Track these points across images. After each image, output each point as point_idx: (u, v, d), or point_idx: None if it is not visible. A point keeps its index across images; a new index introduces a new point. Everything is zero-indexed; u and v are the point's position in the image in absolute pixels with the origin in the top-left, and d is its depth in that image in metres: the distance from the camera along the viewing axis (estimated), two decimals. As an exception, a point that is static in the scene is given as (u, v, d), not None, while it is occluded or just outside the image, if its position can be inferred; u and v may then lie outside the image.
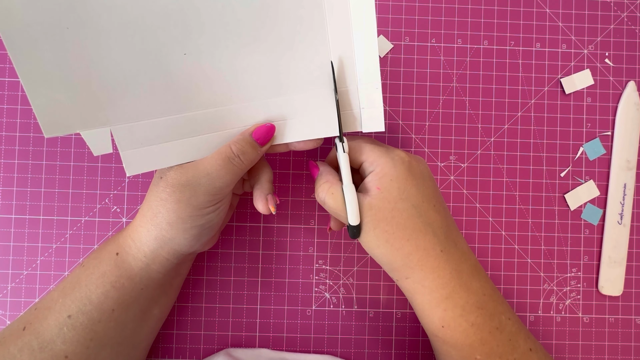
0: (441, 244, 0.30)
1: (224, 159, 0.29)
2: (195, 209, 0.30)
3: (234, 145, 0.30)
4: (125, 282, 0.30)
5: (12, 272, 0.38)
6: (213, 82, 0.30)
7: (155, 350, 0.38)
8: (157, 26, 0.29)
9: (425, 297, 0.31)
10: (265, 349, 0.38)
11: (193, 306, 0.39)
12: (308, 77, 0.31)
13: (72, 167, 0.39)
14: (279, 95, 0.31)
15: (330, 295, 0.40)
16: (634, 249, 0.41)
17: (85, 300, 0.30)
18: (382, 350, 0.39)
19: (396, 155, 0.31)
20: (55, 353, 0.29)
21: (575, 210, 0.41)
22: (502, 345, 0.31)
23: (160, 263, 0.31)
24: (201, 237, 0.31)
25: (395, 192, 0.30)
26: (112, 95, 0.29)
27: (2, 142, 0.39)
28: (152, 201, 0.30)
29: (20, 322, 0.30)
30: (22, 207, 0.38)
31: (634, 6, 0.42)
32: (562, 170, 0.41)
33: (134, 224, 0.31)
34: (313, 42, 0.31)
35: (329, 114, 0.32)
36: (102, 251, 0.32)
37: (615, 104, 0.41)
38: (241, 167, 0.30)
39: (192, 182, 0.29)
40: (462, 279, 0.31)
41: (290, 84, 0.31)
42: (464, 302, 0.30)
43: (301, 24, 0.30)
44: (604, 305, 0.40)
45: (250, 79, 0.31)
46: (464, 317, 0.30)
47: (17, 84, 0.39)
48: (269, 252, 0.40)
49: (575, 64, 0.41)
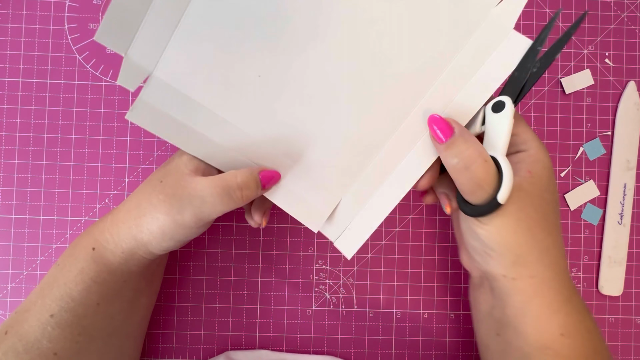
0: (560, 245, 0.29)
1: (224, 187, 0.28)
2: (179, 227, 0.29)
3: (239, 177, 0.28)
4: (106, 277, 0.30)
5: (12, 272, 0.38)
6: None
7: (155, 350, 0.38)
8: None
9: (546, 299, 0.28)
10: (265, 351, 0.38)
11: (193, 306, 0.39)
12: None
13: (72, 167, 0.39)
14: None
15: (330, 295, 0.40)
16: (634, 249, 0.41)
17: (66, 298, 0.29)
18: (382, 350, 0.39)
19: (543, 145, 0.29)
20: (42, 352, 0.28)
21: (575, 210, 0.41)
22: (602, 349, 0.29)
23: (138, 260, 0.30)
24: (177, 245, 0.31)
25: (545, 181, 0.28)
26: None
27: (2, 142, 0.39)
28: (141, 200, 0.29)
29: (2, 327, 0.30)
30: (22, 207, 0.38)
31: (634, 6, 0.42)
32: (562, 170, 0.41)
33: (116, 218, 0.30)
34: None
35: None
36: (76, 247, 0.31)
37: (615, 104, 0.41)
38: (238, 202, 0.29)
39: (184, 199, 0.28)
40: (572, 283, 0.29)
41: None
42: (582, 306, 0.28)
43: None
44: (604, 305, 0.40)
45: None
46: (584, 323, 0.28)
47: (17, 84, 0.39)
48: (269, 252, 0.40)
49: (575, 64, 0.41)
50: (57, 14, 0.39)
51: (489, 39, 0.29)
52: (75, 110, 0.39)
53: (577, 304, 0.28)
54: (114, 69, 0.39)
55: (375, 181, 0.31)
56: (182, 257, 0.39)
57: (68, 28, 0.39)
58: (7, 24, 0.39)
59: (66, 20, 0.39)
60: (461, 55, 0.29)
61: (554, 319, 0.27)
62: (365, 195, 0.31)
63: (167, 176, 0.29)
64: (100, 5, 0.39)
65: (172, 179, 0.29)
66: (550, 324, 0.27)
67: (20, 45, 0.39)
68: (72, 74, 0.39)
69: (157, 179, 0.30)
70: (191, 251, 0.39)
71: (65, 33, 0.39)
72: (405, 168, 0.31)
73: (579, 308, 0.28)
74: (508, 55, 0.29)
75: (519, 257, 0.28)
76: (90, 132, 0.39)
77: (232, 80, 0.29)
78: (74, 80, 0.39)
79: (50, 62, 0.39)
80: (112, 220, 0.30)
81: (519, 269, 0.28)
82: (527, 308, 0.28)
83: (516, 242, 0.27)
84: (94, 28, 0.39)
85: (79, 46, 0.39)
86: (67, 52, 0.39)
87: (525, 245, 0.27)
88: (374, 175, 0.31)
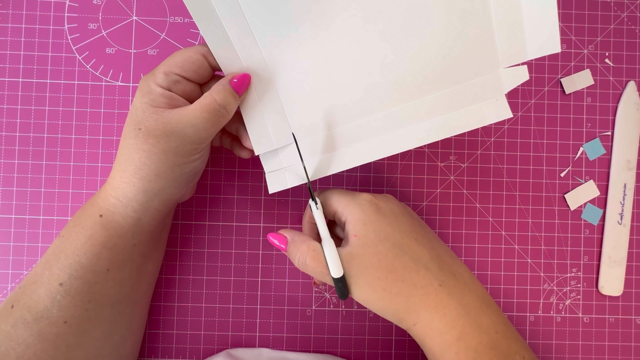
0: (437, 277, 0.30)
1: (209, 111, 0.29)
2: (183, 157, 0.30)
3: (217, 96, 0.29)
4: (117, 241, 0.30)
5: (12, 272, 0.38)
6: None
7: (155, 350, 0.38)
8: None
9: (435, 340, 0.29)
10: (266, 349, 0.38)
11: (193, 306, 0.39)
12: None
13: (72, 167, 0.39)
14: (448, 85, 0.32)
15: (330, 295, 0.40)
16: (634, 249, 0.41)
17: (75, 265, 0.29)
18: (382, 350, 0.39)
19: (362, 200, 0.31)
20: (52, 321, 0.28)
21: (575, 210, 0.41)
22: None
23: (151, 215, 0.31)
24: (188, 183, 0.32)
25: (372, 235, 0.29)
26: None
27: (2, 142, 0.39)
28: (131, 153, 0.29)
29: (7, 302, 0.30)
30: (22, 207, 0.38)
31: (634, 6, 0.42)
32: (562, 170, 0.41)
33: (114, 181, 0.30)
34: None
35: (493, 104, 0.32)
36: (81, 217, 0.31)
37: (615, 104, 0.41)
38: (225, 118, 0.30)
39: (176, 132, 0.29)
40: (470, 315, 0.29)
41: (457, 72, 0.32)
42: (477, 343, 0.29)
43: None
44: (604, 305, 0.40)
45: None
46: (478, 352, 0.29)
47: (17, 84, 0.39)
48: (269, 252, 0.40)
49: (575, 64, 0.41)
50: (57, 14, 0.39)
51: (483, 90, 0.32)
52: (75, 110, 0.39)
53: (472, 341, 0.29)
54: (114, 69, 0.39)
55: (340, 141, 0.33)
56: (182, 257, 0.39)
57: (68, 28, 0.39)
58: (7, 24, 0.39)
59: (66, 20, 0.39)
60: (454, 90, 0.31)
61: (445, 357, 0.29)
62: (321, 149, 0.33)
63: (142, 121, 0.29)
64: (100, 5, 0.39)
65: (152, 121, 0.29)
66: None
67: (20, 45, 0.39)
68: (72, 74, 0.39)
69: (134, 129, 0.29)
70: (191, 251, 0.39)
71: (65, 33, 0.39)
72: (376, 143, 0.32)
73: (474, 345, 0.29)
74: (485, 113, 0.32)
75: (395, 313, 0.30)
76: (90, 132, 0.39)
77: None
78: (74, 80, 0.39)
79: (50, 62, 0.39)
80: (111, 186, 0.31)
81: (403, 323, 0.30)
82: (425, 349, 0.31)
83: (383, 306, 0.29)
84: (94, 28, 0.39)
85: (79, 46, 0.39)
86: (67, 52, 0.39)
87: (390, 303, 0.29)
88: (343, 136, 0.32)
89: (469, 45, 0.31)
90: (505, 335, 0.30)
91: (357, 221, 0.30)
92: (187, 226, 0.39)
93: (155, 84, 0.29)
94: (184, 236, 0.39)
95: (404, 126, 0.32)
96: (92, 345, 0.30)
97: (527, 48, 0.31)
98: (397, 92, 0.32)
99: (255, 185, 0.40)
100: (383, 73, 0.31)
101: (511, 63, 0.31)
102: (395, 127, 0.32)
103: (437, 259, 0.30)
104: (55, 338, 0.28)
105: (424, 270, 0.29)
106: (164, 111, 0.29)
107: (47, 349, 0.28)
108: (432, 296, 0.29)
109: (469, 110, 0.32)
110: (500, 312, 0.31)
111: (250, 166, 0.40)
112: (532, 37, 0.30)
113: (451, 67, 0.31)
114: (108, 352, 0.31)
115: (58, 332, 0.28)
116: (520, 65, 0.31)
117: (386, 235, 0.30)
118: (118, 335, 0.32)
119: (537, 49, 0.31)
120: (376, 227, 0.30)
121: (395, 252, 0.29)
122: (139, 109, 0.29)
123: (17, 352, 0.28)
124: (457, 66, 0.31)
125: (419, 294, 0.29)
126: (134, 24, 0.40)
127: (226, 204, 0.40)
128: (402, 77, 0.31)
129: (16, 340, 0.28)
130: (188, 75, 0.30)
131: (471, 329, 0.29)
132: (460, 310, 0.29)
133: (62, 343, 0.29)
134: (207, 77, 0.32)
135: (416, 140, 0.32)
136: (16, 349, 0.28)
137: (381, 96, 0.32)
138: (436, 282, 0.29)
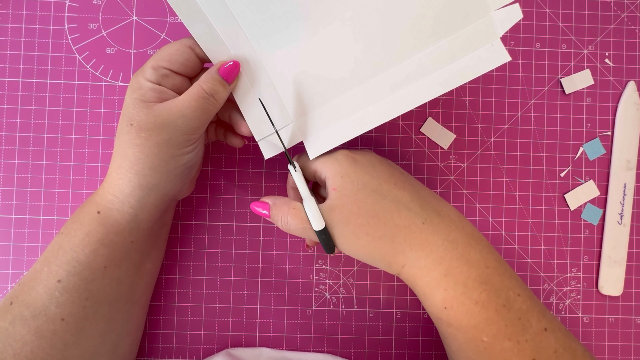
0: (419, 216, 0.29)
1: (197, 99, 0.29)
2: (176, 149, 0.30)
3: (205, 85, 0.30)
4: (114, 238, 0.30)
5: (12, 272, 0.38)
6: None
7: (155, 350, 0.38)
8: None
9: (424, 279, 0.29)
10: (266, 348, 0.38)
11: (193, 306, 0.39)
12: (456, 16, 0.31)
13: (72, 167, 0.39)
14: (433, 43, 0.31)
15: (330, 295, 0.40)
16: (634, 249, 0.41)
17: (73, 262, 0.29)
18: (382, 350, 0.39)
19: (339, 154, 0.31)
20: (50, 318, 0.29)
21: (575, 210, 0.41)
22: (511, 325, 0.28)
23: (149, 211, 0.31)
24: (184, 177, 0.32)
25: (349, 186, 0.30)
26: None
27: (2, 142, 0.39)
28: (125, 149, 0.30)
29: (7, 299, 0.30)
30: (22, 207, 0.38)
31: (634, 6, 0.42)
32: (562, 170, 0.41)
33: (110, 178, 0.31)
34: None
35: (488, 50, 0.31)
36: (79, 215, 0.31)
37: (615, 104, 0.41)
38: (215, 106, 0.30)
39: (168, 124, 0.29)
40: (457, 250, 0.29)
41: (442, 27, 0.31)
42: (465, 278, 0.28)
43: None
44: (604, 305, 0.40)
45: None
46: (467, 294, 0.28)
47: (17, 84, 0.39)
48: (269, 252, 0.40)
49: (575, 64, 0.41)
50: (57, 14, 0.39)
51: (476, 37, 0.30)
52: (75, 110, 0.39)
53: (460, 275, 0.28)
54: (114, 69, 0.39)
55: (339, 113, 0.32)
56: (182, 257, 0.39)
57: (68, 28, 0.39)
58: (7, 24, 0.39)
59: (66, 20, 0.39)
60: (446, 41, 0.30)
61: (435, 294, 0.29)
62: (321, 123, 0.32)
63: (134, 117, 0.29)
64: (100, 5, 0.39)
65: (143, 115, 0.29)
66: (433, 299, 0.29)
67: (20, 45, 0.39)
68: (72, 74, 0.39)
69: (126, 125, 0.30)
70: (191, 251, 0.39)
71: (65, 33, 0.39)
72: (375, 109, 0.32)
73: (462, 280, 0.28)
74: (482, 60, 0.30)
75: (383, 258, 0.30)
76: (90, 132, 0.39)
77: None
78: (74, 80, 0.39)
79: (50, 62, 0.39)
80: (108, 183, 0.31)
81: (392, 267, 0.30)
82: (416, 291, 0.31)
83: (369, 251, 0.29)
84: (94, 28, 0.39)
85: (79, 46, 0.39)
86: (67, 52, 0.39)
87: (376, 248, 0.29)
88: (341, 107, 0.32)
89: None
90: (497, 270, 0.29)
91: (335, 175, 0.30)
92: (187, 226, 0.39)
93: (145, 79, 0.30)
94: (184, 236, 0.39)
95: (402, 87, 0.31)
96: (89, 344, 0.30)
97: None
98: (390, 54, 0.31)
99: (256, 185, 0.40)
100: (372, 37, 0.31)
101: (501, 4, 0.30)
102: (394, 89, 0.31)
103: (419, 200, 0.30)
104: (52, 335, 0.28)
105: (405, 210, 0.29)
106: (154, 105, 0.29)
107: (44, 346, 0.28)
108: (417, 234, 0.29)
109: (466, 60, 0.30)
110: (492, 249, 0.31)
111: (250, 166, 0.40)
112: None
113: (439, 19, 0.30)
114: (105, 352, 0.31)
115: (55, 330, 0.29)
116: (512, 5, 0.29)
117: (364, 184, 0.30)
118: (115, 334, 0.32)
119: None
120: (353, 177, 0.30)
121: (375, 197, 0.29)
122: (129, 105, 0.30)
123: (14, 349, 0.28)
124: (445, 16, 0.30)
125: (402, 233, 0.29)
126: (134, 24, 0.40)
127: (226, 204, 0.40)
128: (391, 37, 0.31)
129: (14, 337, 0.28)
130: (176, 68, 0.30)
131: (459, 263, 0.29)
132: (447, 246, 0.29)
133: (59, 340, 0.29)
134: (196, 70, 0.32)
135: (420, 97, 0.31)
136: (13, 345, 0.28)
137: (374, 61, 0.31)
138: (419, 220, 0.29)
